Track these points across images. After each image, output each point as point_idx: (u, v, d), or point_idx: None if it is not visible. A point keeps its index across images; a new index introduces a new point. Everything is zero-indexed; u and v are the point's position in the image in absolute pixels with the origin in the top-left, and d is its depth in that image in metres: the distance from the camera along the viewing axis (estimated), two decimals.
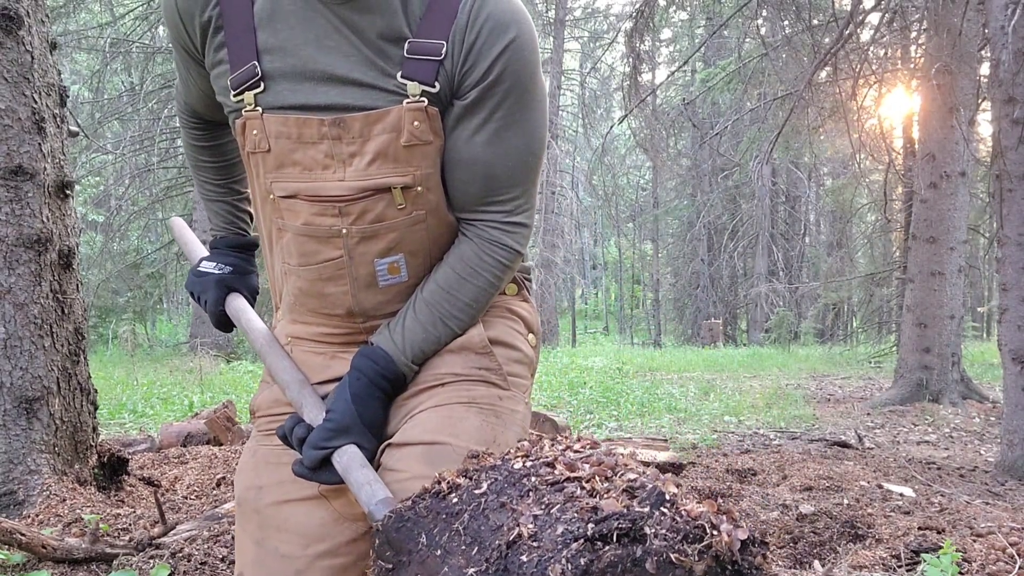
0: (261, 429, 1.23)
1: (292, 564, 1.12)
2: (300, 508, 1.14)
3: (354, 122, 1.03)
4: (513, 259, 1.13)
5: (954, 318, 7.44)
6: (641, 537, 0.75)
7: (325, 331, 1.19)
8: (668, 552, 0.74)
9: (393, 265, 1.11)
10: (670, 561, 0.74)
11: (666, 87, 16.80)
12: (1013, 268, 4.34)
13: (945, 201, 7.29)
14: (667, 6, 9.34)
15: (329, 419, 1.04)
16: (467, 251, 1.11)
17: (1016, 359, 4.31)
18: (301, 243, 1.12)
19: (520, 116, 1.06)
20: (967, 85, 7.01)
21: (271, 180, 1.10)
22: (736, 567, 0.77)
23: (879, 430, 6.26)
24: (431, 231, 1.11)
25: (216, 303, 1.28)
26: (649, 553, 0.74)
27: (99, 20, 12.94)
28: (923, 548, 2.58)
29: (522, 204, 1.12)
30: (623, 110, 8.10)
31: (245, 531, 1.18)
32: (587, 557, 0.73)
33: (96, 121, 12.27)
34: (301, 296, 1.17)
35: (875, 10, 6.78)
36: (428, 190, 1.08)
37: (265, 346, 1.20)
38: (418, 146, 1.05)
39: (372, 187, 1.06)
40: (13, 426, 2.59)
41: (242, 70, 1.07)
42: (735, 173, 18.38)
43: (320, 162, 1.06)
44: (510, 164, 1.08)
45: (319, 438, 1.03)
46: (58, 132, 2.85)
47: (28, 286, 2.65)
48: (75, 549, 2.19)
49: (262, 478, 1.17)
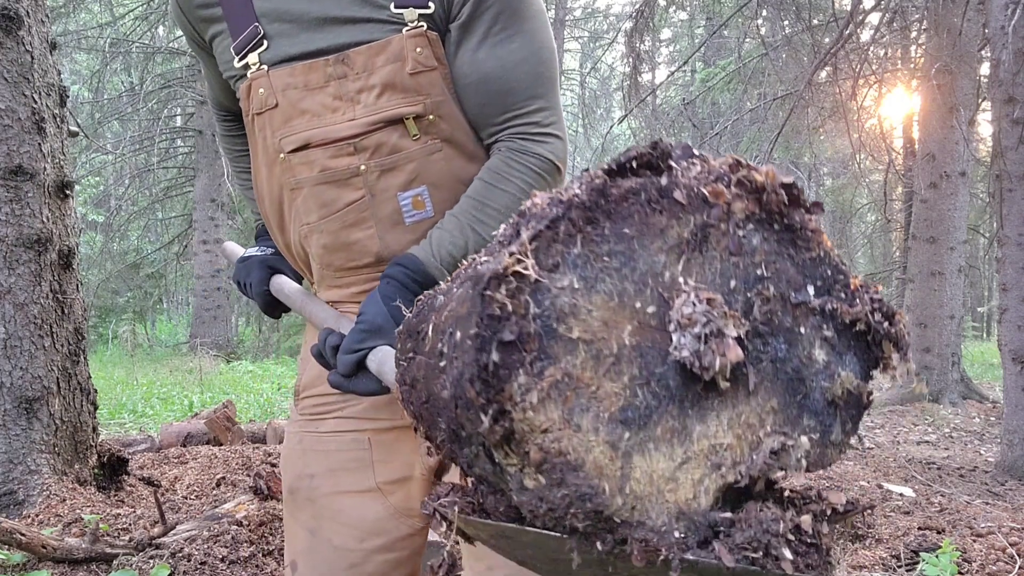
0: (304, 412, 1.20)
1: (347, 557, 1.12)
2: (356, 500, 1.12)
3: (358, 56, 1.05)
4: (548, 169, 1.09)
5: (954, 318, 7.44)
6: (668, 168, 0.66)
7: (358, 289, 1.15)
8: (699, 186, 0.65)
9: (417, 199, 1.09)
10: (703, 197, 0.65)
11: (666, 87, 16.80)
12: (1013, 268, 4.34)
13: (945, 201, 7.29)
14: (667, 6, 9.34)
15: (360, 321, 1.00)
16: (496, 161, 1.08)
17: (1016, 359, 4.31)
18: (319, 193, 1.10)
19: (519, 26, 1.06)
20: (967, 85, 7.01)
21: (280, 137, 1.10)
22: (786, 224, 0.67)
23: (879, 430, 6.26)
24: (451, 162, 1.09)
25: (260, 283, 1.26)
26: (676, 183, 0.64)
27: (99, 20, 12.94)
28: (923, 548, 2.58)
29: (548, 115, 1.09)
30: (623, 110, 8.10)
31: (297, 520, 1.17)
32: (603, 180, 0.63)
33: (96, 121, 12.27)
34: (326, 255, 1.14)
35: (875, 10, 6.78)
36: (441, 118, 1.07)
37: (304, 300, 1.17)
38: (424, 72, 1.05)
39: (383, 119, 1.05)
40: (13, 426, 2.59)
41: (244, 34, 1.09)
42: None
43: (329, 106, 1.07)
44: (522, 75, 1.07)
45: (352, 341, 0.99)
46: (58, 132, 2.85)
47: (28, 286, 2.65)
48: (75, 549, 2.19)
49: (312, 466, 1.15)
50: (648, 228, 0.65)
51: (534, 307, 0.60)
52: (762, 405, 0.66)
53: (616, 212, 0.64)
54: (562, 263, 0.62)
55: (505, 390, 0.59)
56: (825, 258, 0.68)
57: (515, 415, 0.59)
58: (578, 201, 0.62)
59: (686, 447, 0.63)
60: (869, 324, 0.67)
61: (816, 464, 0.68)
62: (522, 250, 0.60)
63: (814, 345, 0.67)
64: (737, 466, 0.64)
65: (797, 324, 0.67)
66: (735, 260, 0.66)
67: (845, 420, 0.69)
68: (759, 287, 0.66)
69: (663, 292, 0.64)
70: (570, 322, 0.61)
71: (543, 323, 0.61)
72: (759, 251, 0.67)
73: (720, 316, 0.62)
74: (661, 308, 0.64)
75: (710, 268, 0.66)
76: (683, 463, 0.63)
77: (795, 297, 0.67)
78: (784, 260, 0.67)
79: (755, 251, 0.67)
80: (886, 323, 0.68)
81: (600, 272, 0.63)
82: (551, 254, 0.61)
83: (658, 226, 0.65)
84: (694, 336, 0.61)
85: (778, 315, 0.66)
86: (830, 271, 0.68)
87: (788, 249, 0.68)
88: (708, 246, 0.66)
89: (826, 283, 0.68)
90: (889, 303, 0.69)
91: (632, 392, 0.62)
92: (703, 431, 0.64)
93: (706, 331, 0.61)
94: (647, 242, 0.65)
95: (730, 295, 0.65)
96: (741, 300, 0.66)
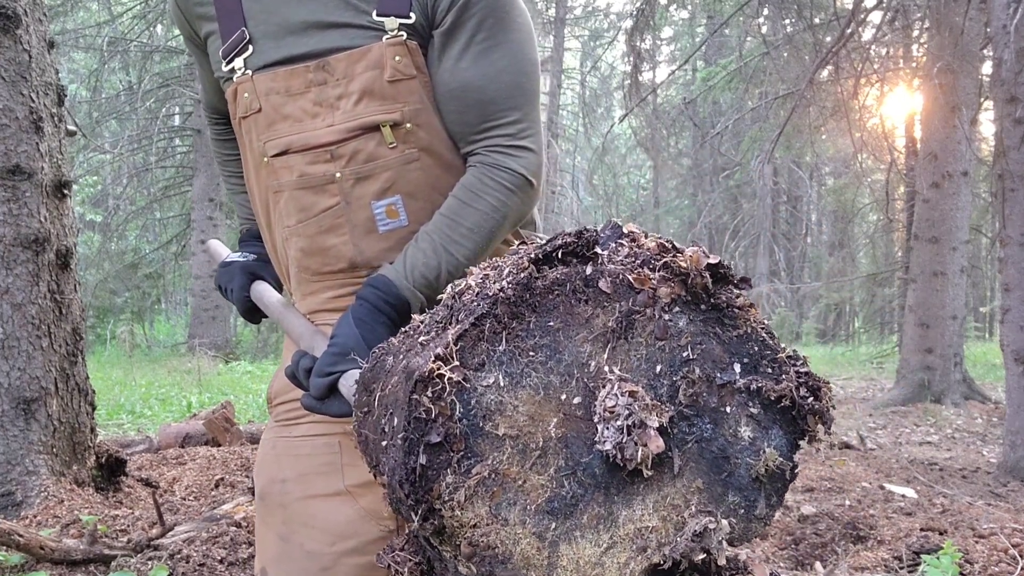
0: (279, 419, 1.21)
1: (318, 561, 1.11)
2: (326, 504, 1.12)
3: (338, 63, 1.06)
4: (519, 184, 1.08)
5: (956, 318, 7.42)
6: (592, 257, 0.67)
7: (332, 294, 1.17)
8: (624, 273, 0.66)
9: (391, 208, 1.11)
10: (628, 284, 0.66)
11: (667, 86, 16.79)
12: (1016, 268, 4.33)
13: (947, 201, 7.28)
14: (668, 4, 9.33)
15: (333, 344, 1.01)
16: (469, 178, 1.09)
17: (1018, 359, 4.29)
18: (298, 198, 1.12)
19: (502, 36, 1.06)
20: (969, 84, 7.00)
21: (264, 140, 1.12)
22: (713, 303, 0.68)
23: (881, 431, 6.25)
24: (427, 172, 1.10)
25: (241, 289, 1.28)
26: (601, 272, 0.66)
27: (97, 19, 12.93)
28: (925, 549, 2.56)
29: (524, 128, 1.09)
30: (624, 109, 8.09)
31: (268, 525, 1.17)
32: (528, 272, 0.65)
33: (94, 120, 12.26)
34: (303, 258, 1.16)
35: (877, 9, 6.76)
36: (419, 127, 1.08)
37: (281, 311, 1.19)
38: (402, 81, 1.06)
39: (360, 126, 1.07)
40: (11, 427, 2.58)
41: (232, 38, 1.11)
42: (736, 173, 18.37)
43: (309, 111, 1.08)
44: (502, 86, 1.07)
45: (324, 364, 1.00)
46: (56, 131, 2.84)
47: (26, 286, 2.63)
48: (73, 550, 2.18)
49: (285, 471, 1.15)
50: (573, 319, 0.67)
51: (460, 407, 0.63)
52: (687, 486, 0.68)
53: (542, 305, 0.66)
54: (488, 361, 0.64)
55: (433, 490, 0.62)
56: (752, 334, 0.70)
57: (444, 512, 0.62)
58: (503, 297, 0.65)
59: (612, 532, 0.66)
60: (794, 400, 0.69)
61: (740, 539, 0.70)
62: (447, 352, 0.62)
63: (740, 423, 0.69)
64: (662, 548, 0.66)
65: (723, 403, 0.69)
66: (661, 344, 0.68)
67: (770, 494, 0.71)
68: (684, 370, 0.68)
69: (588, 382, 0.66)
70: (496, 419, 0.64)
71: (469, 423, 0.63)
72: (685, 333, 0.69)
73: (642, 408, 0.64)
74: (586, 398, 0.66)
75: (636, 354, 0.68)
76: (609, 548, 0.65)
77: (721, 378, 0.69)
78: (711, 340, 0.69)
79: (681, 333, 0.69)
80: (811, 398, 0.70)
81: (526, 367, 0.65)
82: (476, 352, 0.64)
83: (583, 316, 0.67)
84: (617, 428, 0.63)
85: (704, 396, 0.69)
86: (757, 347, 0.70)
87: (715, 328, 0.70)
88: (634, 332, 0.68)
89: (753, 360, 0.70)
90: (816, 375, 0.71)
91: (558, 483, 0.65)
92: (629, 515, 0.66)
93: (628, 423, 0.63)
94: (572, 332, 0.67)
95: (655, 379, 0.68)
96: (667, 384, 0.68)
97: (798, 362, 0.70)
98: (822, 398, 0.70)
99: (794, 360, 0.70)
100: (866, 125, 7.71)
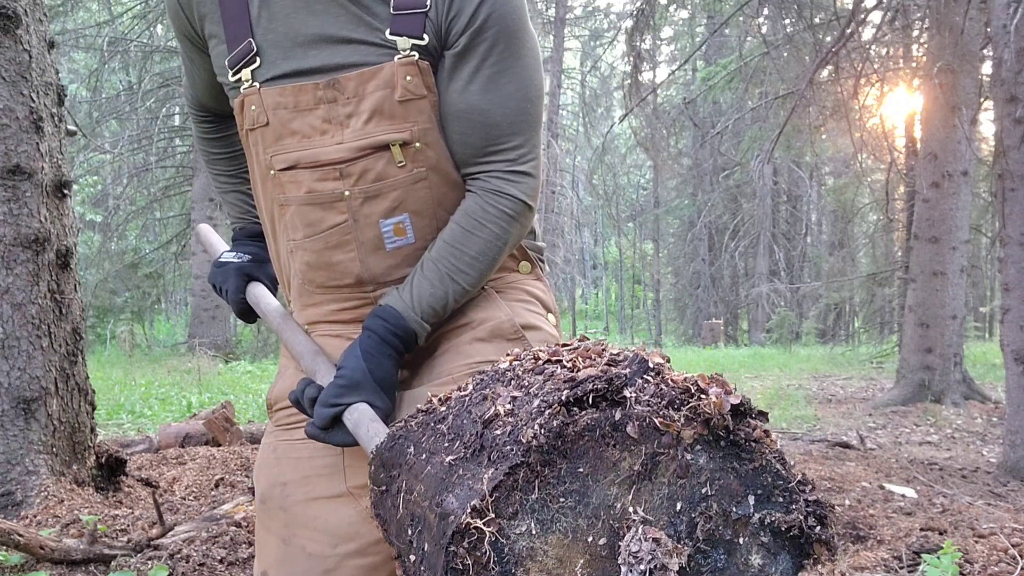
0: (279, 423, 1.21)
1: (321, 563, 1.11)
2: (328, 506, 1.12)
3: (348, 82, 1.05)
4: (519, 211, 1.11)
5: (956, 318, 7.42)
6: (620, 401, 0.71)
7: (337, 307, 1.18)
8: (651, 416, 0.69)
9: (399, 226, 1.11)
10: (654, 426, 0.70)
11: (667, 86, 16.79)
12: (1015, 268, 4.33)
13: (947, 201, 7.28)
14: (668, 4, 9.33)
15: (340, 376, 1.03)
16: (471, 204, 1.10)
17: (1018, 359, 4.29)
18: (305, 213, 1.12)
19: (512, 62, 1.07)
20: (969, 84, 6.99)
21: (271, 154, 1.11)
22: (732, 439, 0.73)
23: (881, 431, 6.25)
24: (434, 190, 1.11)
25: (236, 291, 1.28)
26: (630, 417, 0.69)
27: (97, 19, 12.93)
28: (924, 549, 2.56)
29: (525, 154, 1.11)
30: (624, 109, 8.09)
31: (268, 529, 1.17)
32: (560, 420, 0.69)
33: (94, 120, 12.26)
34: (309, 272, 1.16)
35: (877, 8, 6.76)
36: (427, 146, 1.09)
37: (281, 323, 1.19)
38: (413, 100, 1.06)
39: (370, 145, 1.07)
40: (11, 427, 2.58)
41: (238, 48, 1.10)
42: (736, 172, 18.36)
43: (318, 128, 1.08)
44: (508, 111, 1.08)
45: (329, 395, 1.02)
46: (56, 131, 2.84)
47: (26, 286, 2.63)
48: (73, 550, 2.18)
49: (286, 474, 1.15)
50: (602, 463, 0.71)
51: (494, 557, 0.67)
52: None
53: (572, 451, 0.70)
54: (520, 510, 0.68)
55: None
56: (767, 466, 0.75)
57: None
58: (536, 445, 0.68)
59: None
60: (802, 530, 0.75)
61: None
62: (484, 504, 0.66)
63: (751, 552, 0.75)
64: None
65: (736, 535, 0.74)
66: (682, 483, 0.72)
67: None
68: (703, 506, 0.73)
69: (614, 523, 0.71)
70: (527, 564, 0.68)
71: (502, 569, 0.67)
72: (705, 470, 0.73)
73: (664, 553, 0.69)
74: (612, 539, 0.71)
75: (658, 493, 0.72)
76: None
77: (736, 512, 0.74)
78: (728, 475, 0.74)
79: (701, 471, 0.73)
80: (818, 527, 0.75)
81: (556, 513, 0.69)
82: (511, 503, 0.68)
83: (611, 459, 0.71)
84: (640, 573, 0.68)
85: (719, 529, 0.74)
86: (771, 478, 0.75)
87: (732, 463, 0.74)
88: (657, 472, 0.72)
89: (766, 491, 0.75)
90: (823, 503, 0.76)
91: None
92: None
93: (651, 567, 0.68)
94: (600, 476, 0.71)
95: (675, 517, 0.72)
96: (686, 521, 0.73)
97: (807, 488, 0.75)
98: (829, 526, 0.76)
99: (803, 486, 0.75)
100: (866, 125, 7.71)
